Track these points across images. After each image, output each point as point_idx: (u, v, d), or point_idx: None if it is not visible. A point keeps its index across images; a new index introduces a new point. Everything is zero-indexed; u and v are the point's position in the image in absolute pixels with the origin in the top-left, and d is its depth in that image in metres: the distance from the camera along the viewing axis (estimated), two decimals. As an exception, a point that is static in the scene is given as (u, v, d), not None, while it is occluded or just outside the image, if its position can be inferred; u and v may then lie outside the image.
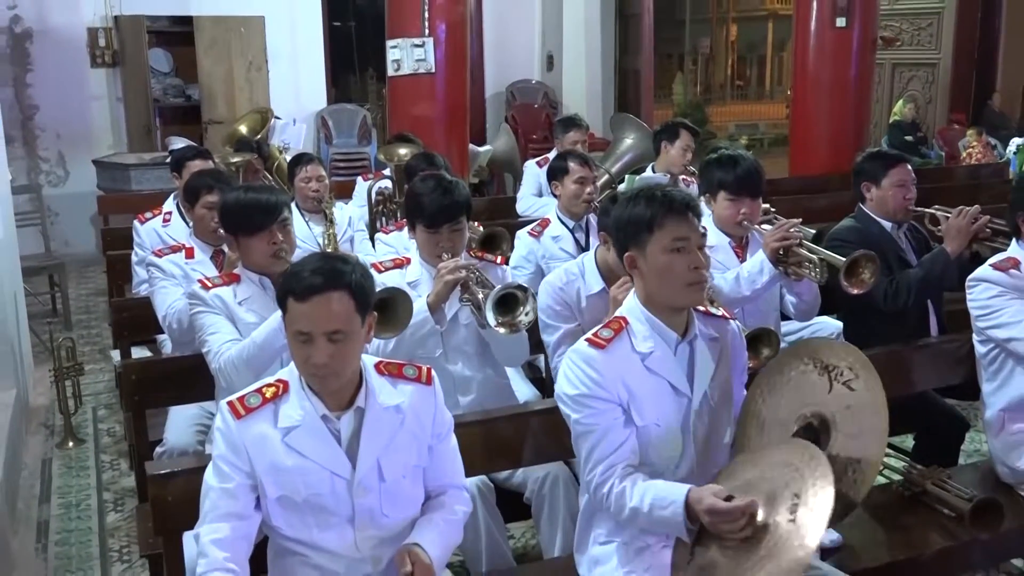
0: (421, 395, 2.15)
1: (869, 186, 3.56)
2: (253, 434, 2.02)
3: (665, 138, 5.34)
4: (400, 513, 2.11)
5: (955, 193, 5.55)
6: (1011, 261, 2.95)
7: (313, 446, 2.03)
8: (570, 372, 2.20)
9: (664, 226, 2.17)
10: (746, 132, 13.25)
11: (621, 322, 2.23)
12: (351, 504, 2.05)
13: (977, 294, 2.95)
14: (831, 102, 7.32)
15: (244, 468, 2.02)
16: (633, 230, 2.21)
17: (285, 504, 2.04)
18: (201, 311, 2.91)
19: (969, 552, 2.74)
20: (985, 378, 3.03)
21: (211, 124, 8.69)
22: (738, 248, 3.40)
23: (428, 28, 6.45)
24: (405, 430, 2.11)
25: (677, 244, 2.16)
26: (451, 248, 2.99)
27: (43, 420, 5.05)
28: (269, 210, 2.88)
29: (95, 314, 7.08)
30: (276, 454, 2.02)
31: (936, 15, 11.16)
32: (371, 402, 2.08)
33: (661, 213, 2.18)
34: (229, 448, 2.03)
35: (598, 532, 2.33)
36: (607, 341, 2.19)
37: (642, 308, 2.24)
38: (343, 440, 2.06)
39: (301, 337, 1.98)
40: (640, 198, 2.24)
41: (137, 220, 4.47)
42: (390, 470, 2.07)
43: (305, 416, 2.04)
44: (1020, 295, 2.87)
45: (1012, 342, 2.86)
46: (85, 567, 3.60)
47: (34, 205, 7.65)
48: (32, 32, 8.52)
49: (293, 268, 2.08)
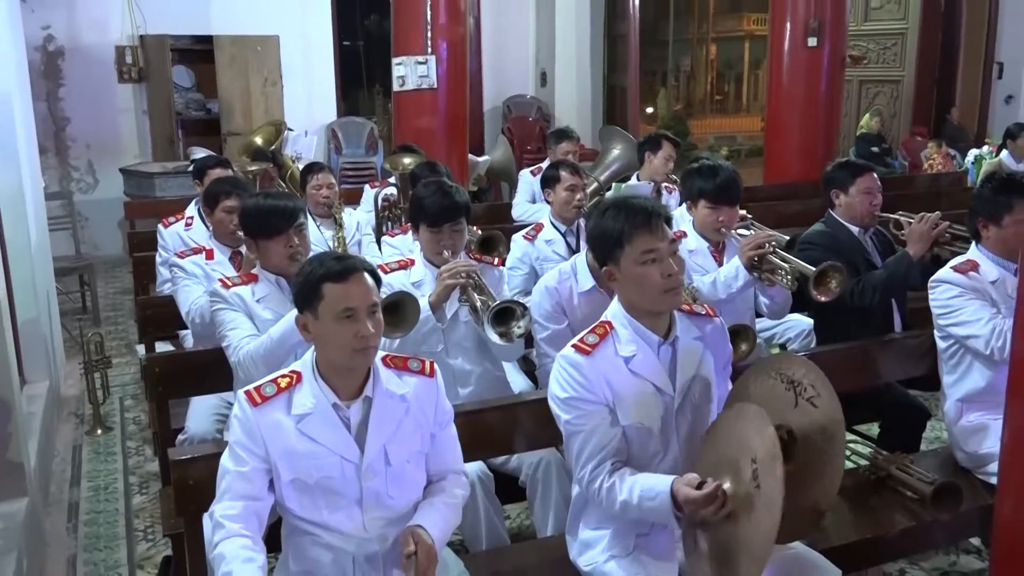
0: (425, 386, 2.15)
1: (838, 193, 3.56)
2: (268, 421, 2.02)
3: (649, 149, 5.33)
4: (404, 495, 2.10)
5: (917, 200, 5.57)
6: (970, 264, 2.95)
7: (324, 432, 2.03)
8: (559, 376, 2.19)
9: (633, 240, 2.15)
10: (724, 144, 13.25)
11: (607, 327, 2.22)
12: (359, 487, 2.04)
13: (938, 294, 2.95)
14: (803, 116, 7.33)
15: (259, 453, 2.01)
16: (607, 245, 2.20)
17: (298, 486, 2.03)
18: (222, 308, 2.90)
19: (931, 531, 2.74)
20: (945, 371, 3.03)
21: (230, 135, 8.67)
22: (716, 252, 3.40)
23: (431, 47, 6.45)
24: (410, 418, 2.11)
25: (647, 256, 2.14)
26: (452, 246, 2.99)
27: (74, 409, 5.04)
28: (287, 215, 2.89)
29: (122, 311, 7.06)
30: (290, 439, 2.02)
31: (900, 36, 11.17)
32: (379, 392, 2.08)
33: (628, 228, 2.15)
34: (245, 434, 2.02)
35: (589, 518, 2.33)
36: (592, 347, 2.18)
37: (625, 314, 2.23)
38: (352, 427, 2.06)
39: (347, 313, 1.99)
40: (609, 212, 2.22)
41: (161, 224, 4.46)
42: (396, 455, 2.07)
43: (317, 404, 2.03)
44: (978, 295, 2.87)
45: (970, 339, 2.87)
46: (112, 545, 3.60)
47: (66, 210, 7.63)
48: (64, 50, 8.51)
49: (316, 259, 2.09)
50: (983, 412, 2.90)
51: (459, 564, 2.25)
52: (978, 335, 2.83)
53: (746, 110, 14.02)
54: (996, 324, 2.79)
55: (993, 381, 2.84)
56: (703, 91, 14.24)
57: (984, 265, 2.94)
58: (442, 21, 6.45)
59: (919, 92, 11.22)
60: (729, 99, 14.38)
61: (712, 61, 14.25)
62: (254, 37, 8.81)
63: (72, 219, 7.58)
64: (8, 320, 3.55)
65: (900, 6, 11.12)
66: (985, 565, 3.22)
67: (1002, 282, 2.88)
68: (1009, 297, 2.76)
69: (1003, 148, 7.38)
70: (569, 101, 10.94)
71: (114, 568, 3.43)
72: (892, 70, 11.30)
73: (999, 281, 2.88)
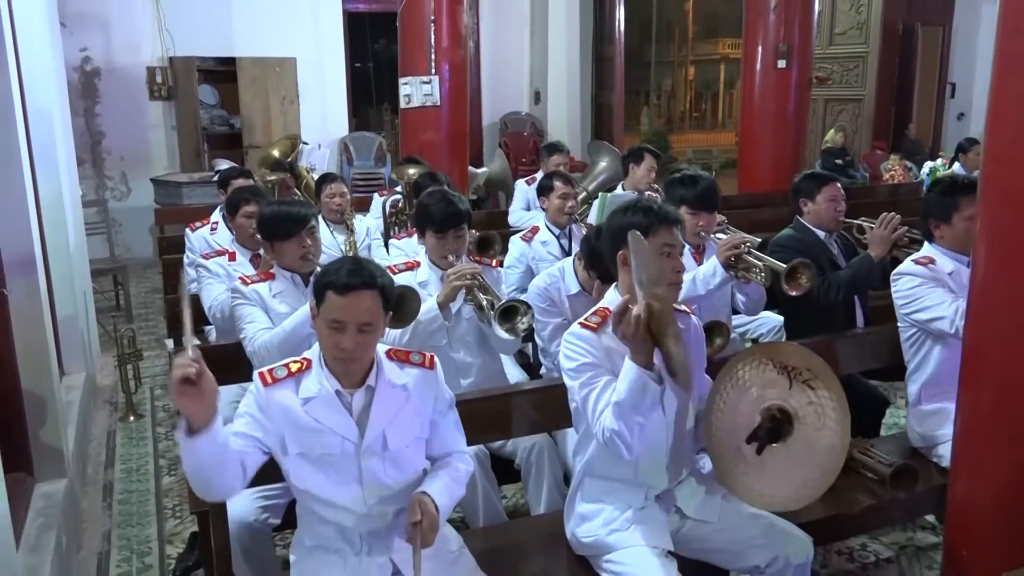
0: (425, 378, 2.14)
1: (806, 201, 3.57)
2: (278, 399, 2.02)
3: (632, 161, 5.33)
4: (402, 475, 2.09)
5: (877, 208, 5.53)
6: (927, 259, 2.95)
7: (327, 414, 2.02)
8: (568, 349, 2.19)
9: (657, 233, 2.23)
10: (702, 157, 13.23)
11: (607, 311, 2.22)
12: (358, 465, 2.03)
13: (901, 285, 2.95)
14: (773, 131, 7.34)
15: (264, 424, 2.01)
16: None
17: (303, 459, 2.03)
18: (240, 303, 2.92)
19: (890, 509, 2.74)
20: (907, 359, 3.03)
21: (251, 148, 8.64)
22: (696, 254, 3.40)
23: (434, 68, 6.44)
24: (409, 407, 2.10)
25: (665, 249, 2.24)
26: (455, 250, 3.00)
27: (108, 398, 5.03)
28: (299, 220, 2.93)
29: (152, 309, 7.05)
30: (297, 416, 2.01)
31: (862, 59, 11.19)
32: (381, 382, 2.07)
33: (656, 222, 2.24)
34: (257, 406, 2.03)
35: (587, 493, 2.32)
36: (597, 325, 2.19)
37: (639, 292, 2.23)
38: (354, 412, 2.05)
39: (335, 325, 1.97)
40: (638, 209, 2.29)
41: (188, 229, 4.45)
42: (394, 440, 2.06)
43: (322, 390, 2.03)
44: (938, 284, 2.87)
45: (935, 322, 2.84)
46: (143, 522, 3.59)
47: (101, 216, 7.61)
48: (100, 70, 8.49)
49: (333, 266, 2.06)
50: (940, 398, 2.90)
51: (459, 539, 2.24)
52: (942, 316, 2.80)
53: (722, 126, 14.01)
54: (959, 305, 2.75)
55: (950, 369, 2.82)
56: (682, 108, 14.23)
57: (939, 260, 2.93)
58: (445, 45, 6.44)
59: (879, 110, 11.25)
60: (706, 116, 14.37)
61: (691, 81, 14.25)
62: (273, 59, 8.80)
63: (107, 224, 7.57)
64: (48, 316, 3.54)
65: (861, 32, 11.14)
66: (939, 540, 3.22)
67: (957, 273, 2.87)
68: (964, 287, 2.76)
69: (955, 161, 7.39)
70: (560, 117, 10.94)
71: (145, 543, 3.42)
72: (854, 90, 11.32)
73: (954, 272, 2.89)
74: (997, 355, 1.95)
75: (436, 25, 6.38)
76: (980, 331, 2.00)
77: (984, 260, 1.96)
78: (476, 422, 2.52)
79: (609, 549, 2.22)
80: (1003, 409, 1.94)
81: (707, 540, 2.28)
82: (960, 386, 2.08)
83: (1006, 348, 1.91)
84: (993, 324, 1.95)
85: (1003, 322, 1.91)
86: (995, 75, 1.90)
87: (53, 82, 4.95)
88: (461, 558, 2.18)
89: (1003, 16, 1.88)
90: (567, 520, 2.38)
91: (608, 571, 2.22)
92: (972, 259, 2.03)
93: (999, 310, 1.92)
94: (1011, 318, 1.89)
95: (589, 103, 11.24)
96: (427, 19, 6.39)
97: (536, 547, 2.45)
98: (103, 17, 8.37)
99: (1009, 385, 1.92)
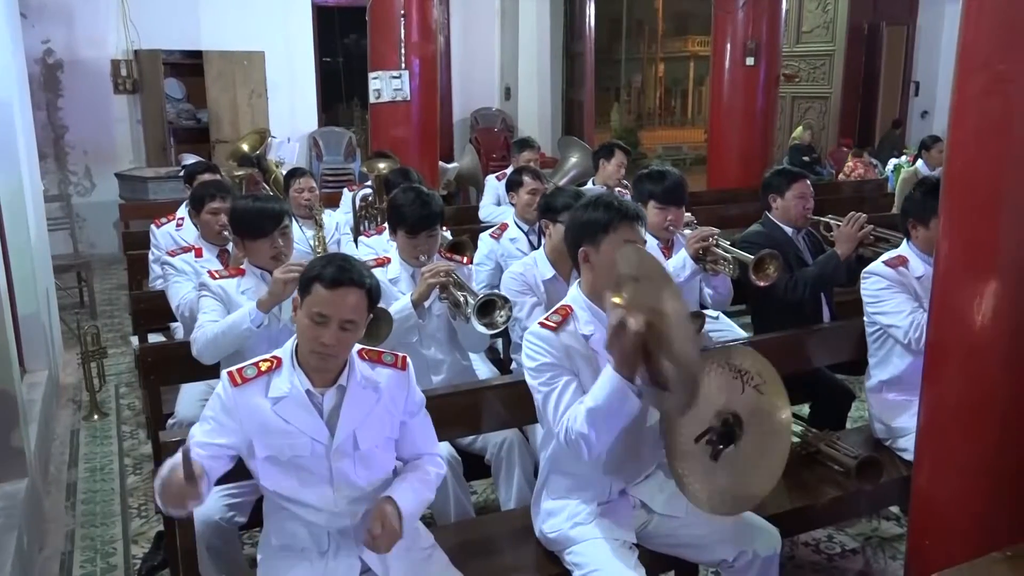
0: (396, 378, 2.12)
1: (774, 197, 3.59)
2: (246, 400, 1.99)
3: (603, 156, 5.35)
4: (372, 476, 2.07)
5: (843, 204, 5.63)
6: (900, 259, 2.97)
7: (297, 415, 1.99)
8: (529, 349, 2.19)
9: (618, 229, 2.19)
10: (671, 153, 13.31)
11: (568, 309, 2.23)
12: (328, 466, 2.01)
13: (868, 285, 2.99)
14: (742, 128, 7.40)
15: (230, 427, 1.98)
16: (590, 230, 2.21)
17: (272, 463, 2.00)
18: (204, 295, 2.86)
19: (855, 500, 2.78)
20: (870, 353, 3.08)
21: (218, 143, 8.54)
22: (665, 249, 3.42)
23: (404, 63, 6.40)
24: (381, 407, 2.08)
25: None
26: (427, 251, 2.99)
27: (72, 396, 4.94)
28: (274, 218, 2.85)
29: (117, 305, 6.94)
30: (265, 418, 1.98)
31: (828, 57, 11.32)
32: (352, 382, 2.05)
33: (617, 218, 2.20)
34: (222, 410, 1.99)
35: (552, 489, 2.33)
36: (557, 324, 2.18)
37: (584, 298, 2.24)
38: (325, 412, 2.02)
39: (319, 318, 1.94)
40: (599, 204, 2.25)
41: (154, 224, 4.37)
42: (365, 440, 2.04)
43: (292, 389, 2.00)
44: (903, 289, 2.90)
45: (892, 328, 2.91)
46: (108, 522, 3.53)
47: (64, 212, 7.47)
48: (63, 63, 8.33)
49: (323, 259, 2.03)
50: (900, 393, 2.95)
51: (430, 536, 2.23)
52: (899, 326, 2.87)
53: (691, 123, 14.13)
54: (915, 318, 2.82)
55: (910, 367, 2.88)
56: (652, 105, 14.32)
57: (913, 261, 2.95)
58: (415, 39, 6.40)
59: (845, 107, 11.40)
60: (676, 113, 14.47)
61: (660, 78, 14.33)
62: (241, 53, 8.69)
63: (70, 220, 7.44)
64: (9, 314, 3.47)
65: (828, 30, 11.27)
66: (903, 531, 3.27)
67: (926, 277, 2.89)
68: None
69: (919, 158, 7.50)
70: (531, 113, 10.94)
71: (110, 543, 3.37)
72: (821, 87, 11.45)
73: (924, 276, 2.88)
74: (960, 350, 1.97)
75: (406, 20, 6.34)
76: (943, 325, 2.03)
77: (947, 255, 1.99)
78: (446, 418, 2.51)
79: (572, 542, 2.23)
80: (965, 403, 1.97)
81: (674, 535, 2.29)
82: (924, 381, 2.11)
83: (969, 343, 1.94)
84: (956, 320, 1.97)
85: (966, 317, 1.94)
86: (957, 73, 1.92)
87: (13, 74, 4.85)
88: (433, 555, 2.17)
89: (965, 15, 1.91)
90: (534, 516, 2.38)
91: (572, 563, 2.23)
92: (935, 255, 2.06)
93: (962, 306, 1.94)
94: (972, 313, 1.91)
95: (560, 99, 11.26)
96: (397, 13, 6.35)
97: (506, 542, 2.45)
98: (66, 9, 8.22)
99: (971, 380, 1.95)
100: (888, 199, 7.10)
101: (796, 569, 3.12)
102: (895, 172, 8.07)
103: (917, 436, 2.14)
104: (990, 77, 1.84)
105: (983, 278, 1.91)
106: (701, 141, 11.97)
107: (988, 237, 1.88)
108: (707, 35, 8.84)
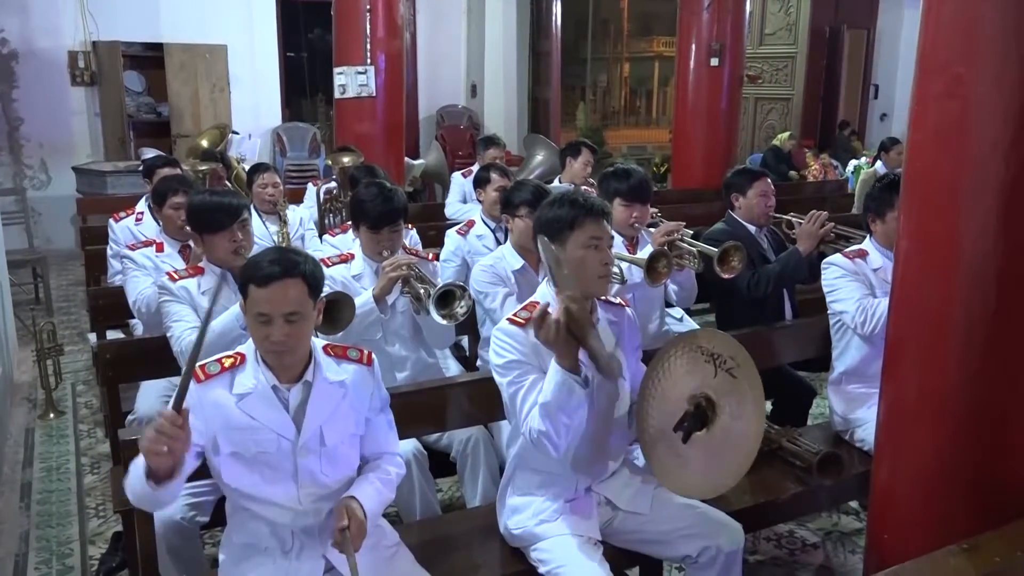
0: (362, 374, 2.10)
1: (737, 196, 3.63)
2: (211, 397, 1.96)
3: (570, 154, 5.37)
4: (338, 473, 2.05)
5: (805, 203, 5.70)
6: (860, 252, 3.06)
7: (262, 410, 1.97)
8: (497, 346, 2.18)
9: (583, 226, 2.18)
10: (636, 152, 13.38)
11: (535, 306, 2.22)
12: (294, 463, 1.99)
13: (827, 275, 3.06)
14: (706, 128, 7.48)
15: (195, 424, 1.91)
16: (556, 227, 2.21)
17: (237, 459, 1.97)
18: (167, 300, 2.81)
19: (817, 496, 2.81)
20: (833, 344, 3.14)
21: (179, 137, 8.41)
22: (630, 246, 3.43)
23: (370, 58, 6.36)
24: (346, 403, 2.06)
25: (592, 242, 2.18)
26: (390, 246, 2.96)
27: (27, 395, 4.83)
28: (231, 212, 2.81)
29: (74, 302, 6.80)
30: (230, 415, 1.96)
31: (791, 59, 11.47)
32: (318, 377, 2.02)
33: (582, 215, 2.19)
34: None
35: (517, 486, 2.32)
36: (525, 320, 2.17)
37: (555, 295, 2.23)
38: (291, 408, 2.00)
39: (261, 318, 1.92)
40: (564, 201, 2.24)
41: (112, 219, 4.31)
42: (331, 436, 2.02)
43: (257, 385, 1.98)
44: (857, 279, 2.98)
45: (843, 314, 2.99)
46: (64, 522, 3.46)
47: (19, 206, 7.31)
48: (18, 53, 8.14)
49: (254, 259, 2.01)
50: (859, 384, 3.02)
51: (395, 534, 2.21)
52: (847, 311, 2.96)
53: (656, 122, 14.20)
54: (862, 303, 2.91)
55: (867, 357, 2.96)
56: (618, 104, 14.37)
57: (872, 254, 3.04)
58: (380, 35, 6.37)
59: (806, 109, 11.56)
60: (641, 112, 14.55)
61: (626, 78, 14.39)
62: (203, 46, 8.56)
63: (25, 214, 7.29)
64: (-40, 309, 3.38)
65: (791, 33, 11.42)
66: (862, 525, 3.33)
67: (884, 270, 2.96)
68: (885, 283, 2.85)
69: (878, 159, 7.63)
70: (497, 111, 10.93)
71: (66, 544, 3.30)
72: (783, 89, 11.61)
73: (881, 269, 2.97)
74: (918, 345, 2.01)
75: (372, 15, 6.30)
76: (903, 321, 2.06)
77: (906, 253, 2.02)
78: (412, 415, 2.50)
79: (538, 539, 2.23)
80: (924, 398, 2.00)
81: (639, 531, 2.31)
82: (883, 375, 2.14)
83: (927, 338, 1.97)
84: (915, 315, 2.01)
85: (924, 313, 1.97)
86: (917, 76, 1.96)
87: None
88: (398, 553, 2.16)
89: (925, 19, 1.94)
90: (499, 513, 2.38)
91: (537, 560, 2.23)
92: (895, 252, 2.09)
93: (920, 302, 1.98)
94: (931, 309, 1.95)
95: (526, 97, 11.26)
96: (363, 9, 6.31)
97: (471, 539, 2.44)
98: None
99: (930, 375, 1.98)
100: (848, 199, 7.22)
101: (758, 564, 3.15)
102: (855, 173, 8.20)
103: (877, 431, 2.17)
104: (949, 79, 1.87)
105: (941, 276, 1.94)
106: (666, 141, 12.05)
107: (946, 236, 1.91)
108: (672, 36, 8.88)
